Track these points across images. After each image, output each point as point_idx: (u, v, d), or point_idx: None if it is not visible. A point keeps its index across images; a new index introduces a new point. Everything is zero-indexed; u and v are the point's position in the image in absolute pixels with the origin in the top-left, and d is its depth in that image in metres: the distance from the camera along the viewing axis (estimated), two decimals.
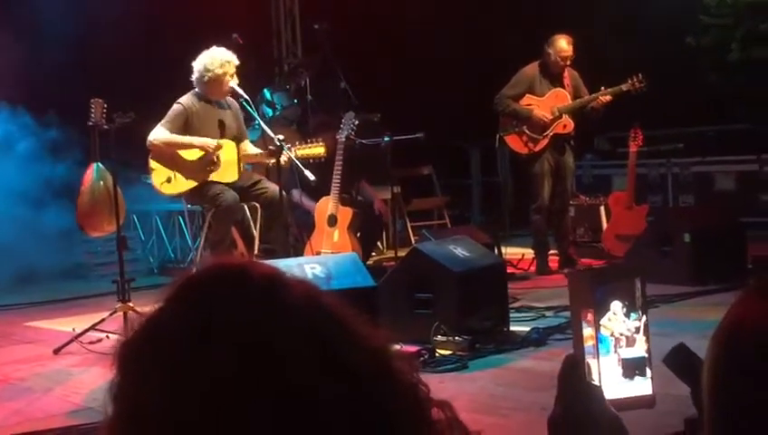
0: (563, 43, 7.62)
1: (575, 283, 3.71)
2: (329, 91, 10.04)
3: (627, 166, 8.33)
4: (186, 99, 6.53)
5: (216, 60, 6.43)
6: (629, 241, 7.67)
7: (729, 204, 9.28)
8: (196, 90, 6.53)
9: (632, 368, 3.41)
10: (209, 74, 6.43)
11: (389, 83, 10.32)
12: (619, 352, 3.43)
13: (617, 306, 3.44)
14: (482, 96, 8.20)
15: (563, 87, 7.75)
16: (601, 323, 3.42)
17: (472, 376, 4.77)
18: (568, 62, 7.68)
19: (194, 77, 6.50)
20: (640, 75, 7.60)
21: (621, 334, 3.44)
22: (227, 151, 6.45)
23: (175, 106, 6.52)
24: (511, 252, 8.15)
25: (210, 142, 6.42)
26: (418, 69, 10.77)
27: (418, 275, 5.49)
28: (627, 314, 3.44)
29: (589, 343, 3.43)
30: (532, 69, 7.81)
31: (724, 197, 9.55)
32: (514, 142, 7.83)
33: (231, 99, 6.60)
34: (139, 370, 0.89)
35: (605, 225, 8.56)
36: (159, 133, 6.42)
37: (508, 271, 6.79)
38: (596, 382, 3.39)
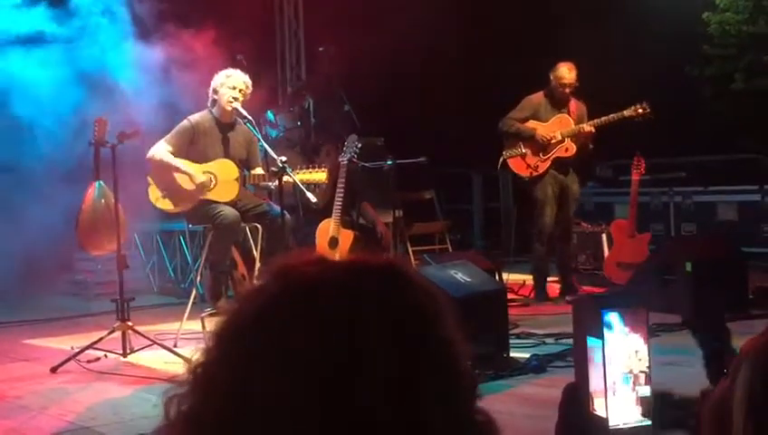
0: (564, 71, 7.67)
1: (580, 310, 3.67)
2: (332, 113, 10.07)
3: (629, 194, 8.34)
4: (195, 116, 6.52)
5: (223, 81, 6.44)
6: (631, 269, 7.66)
7: (731, 234, 9.27)
8: (209, 109, 6.54)
9: (648, 405, 3.38)
10: (215, 94, 6.45)
11: (393, 107, 10.33)
12: (637, 389, 3.39)
13: (639, 343, 3.40)
14: (484, 122, 8.21)
15: (568, 114, 7.76)
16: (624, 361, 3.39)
17: None
18: (568, 90, 7.71)
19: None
20: (644, 103, 7.62)
21: (641, 372, 3.41)
22: (226, 171, 6.41)
23: (182, 122, 6.51)
24: (513, 278, 8.13)
25: (196, 176, 6.33)
26: (422, 93, 10.78)
27: None
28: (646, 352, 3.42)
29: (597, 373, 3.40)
30: (537, 96, 7.86)
31: (726, 226, 9.53)
32: (517, 165, 7.83)
33: (244, 126, 6.53)
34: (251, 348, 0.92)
35: (606, 252, 8.55)
36: (159, 149, 6.41)
37: (509, 297, 6.77)
38: (598, 412, 3.37)
